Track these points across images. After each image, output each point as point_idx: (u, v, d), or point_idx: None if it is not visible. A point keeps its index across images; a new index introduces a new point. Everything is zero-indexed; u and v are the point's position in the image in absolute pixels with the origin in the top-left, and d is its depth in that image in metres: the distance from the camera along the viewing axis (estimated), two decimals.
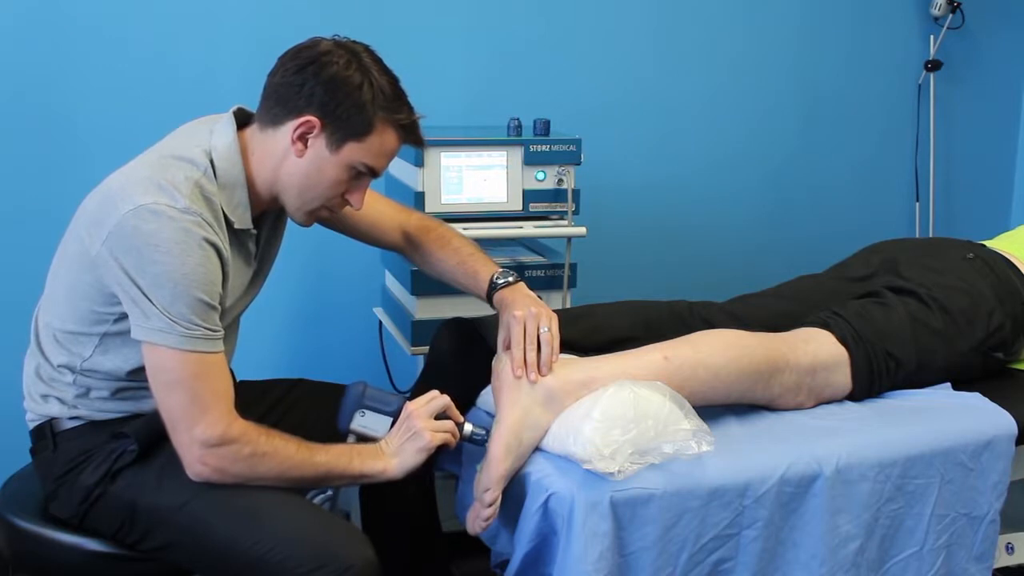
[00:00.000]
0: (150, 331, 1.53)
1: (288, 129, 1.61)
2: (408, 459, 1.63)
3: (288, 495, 1.62)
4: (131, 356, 1.60)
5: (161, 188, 1.54)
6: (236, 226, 1.64)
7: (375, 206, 1.91)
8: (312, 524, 1.59)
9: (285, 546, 1.55)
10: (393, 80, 1.64)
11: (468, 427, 1.69)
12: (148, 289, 1.51)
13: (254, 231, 1.69)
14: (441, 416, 1.66)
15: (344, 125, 1.60)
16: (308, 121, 1.59)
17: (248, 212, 1.65)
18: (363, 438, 1.68)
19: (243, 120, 1.68)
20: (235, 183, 1.62)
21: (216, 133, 1.64)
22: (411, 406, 1.66)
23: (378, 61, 1.64)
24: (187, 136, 1.66)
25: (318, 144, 1.61)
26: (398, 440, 1.64)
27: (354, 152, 1.62)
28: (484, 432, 1.67)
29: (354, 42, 1.65)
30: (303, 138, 1.61)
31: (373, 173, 1.67)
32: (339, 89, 1.58)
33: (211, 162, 1.60)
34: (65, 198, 1.70)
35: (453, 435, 1.66)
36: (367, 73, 1.60)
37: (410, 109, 1.66)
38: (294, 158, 1.62)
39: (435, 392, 1.68)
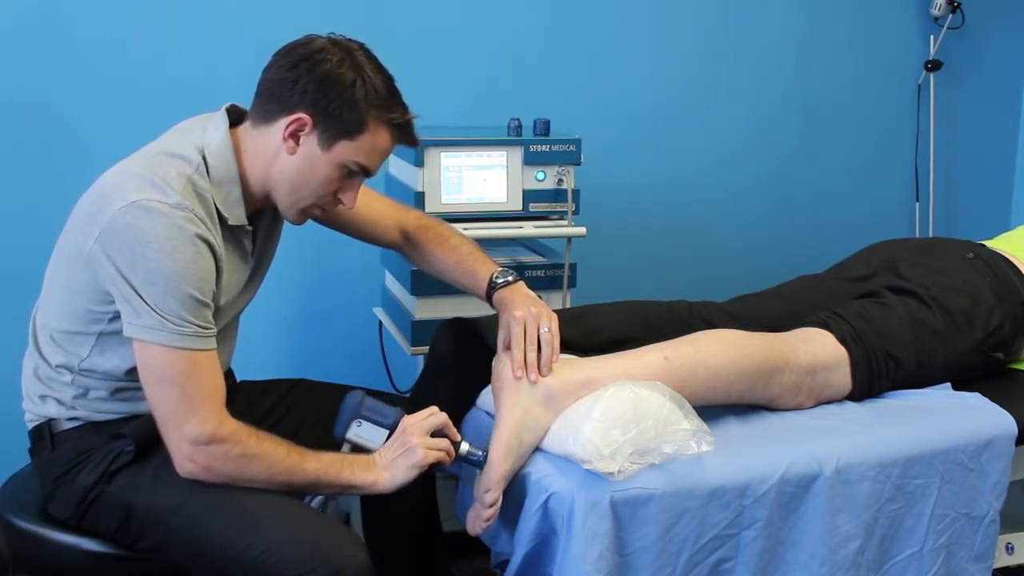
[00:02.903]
0: (141, 328, 1.53)
1: (280, 126, 1.60)
2: (399, 474, 1.61)
3: (283, 497, 1.62)
4: (128, 356, 1.59)
5: (153, 184, 1.53)
6: (230, 222, 1.63)
7: (372, 204, 1.90)
8: (306, 526, 1.59)
9: (279, 548, 1.54)
10: (388, 79, 1.63)
11: (464, 446, 1.65)
12: (140, 286, 1.51)
13: (249, 228, 1.69)
14: (438, 434, 1.63)
15: (336, 123, 1.59)
16: (300, 118, 1.58)
17: (242, 209, 1.64)
18: (358, 448, 1.67)
19: (236, 117, 1.67)
20: (228, 180, 1.62)
21: (209, 130, 1.63)
22: (408, 421, 1.64)
23: (373, 59, 1.63)
24: (180, 134, 1.66)
25: (310, 142, 1.60)
26: (391, 454, 1.62)
27: (346, 150, 1.61)
28: (480, 453, 1.63)
29: (350, 40, 1.64)
30: (295, 135, 1.60)
31: (366, 172, 1.66)
32: (332, 87, 1.57)
33: (204, 159, 1.60)
34: (65, 198, 1.70)
35: (448, 454, 1.63)
36: (360, 71, 1.59)
37: (404, 108, 1.65)
38: (286, 155, 1.61)
39: (434, 408, 1.65)
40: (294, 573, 1.53)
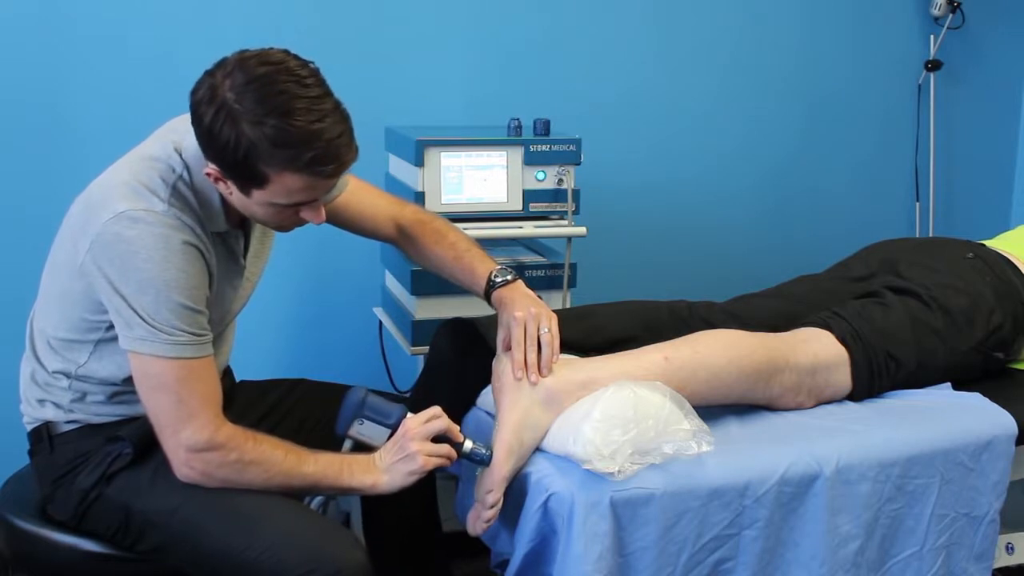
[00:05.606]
0: (134, 340, 1.52)
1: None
2: (398, 479, 1.60)
3: (282, 498, 1.61)
4: (126, 363, 1.59)
5: (139, 193, 1.52)
6: (212, 229, 1.61)
7: (367, 199, 1.89)
8: (305, 527, 1.59)
9: (278, 549, 1.54)
10: (280, 119, 1.43)
11: (468, 444, 1.62)
12: (131, 297, 1.50)
13: (236, 231, 1.67)
14: (440, 438, 1.61)
15: (238, 175, 1.50)
16: (212, 171, 1.53)
17: (222, 217, 1.62)
18: (360, 445, 1.66)
19: None
20: (208, 186, 1.58)
21: (192, 132, 1.59)
22: (408, 423, 1.61)
23: (263, 95, 1.43)
24: (166, 135, 1.63)
25: (232, 187, 1.53)
26: (391, 457, 1.61)
27: (263, 196, 1.51)
28: (484, 451, 1.61)
29: (258, 65, 1.46)
30: (219, 180, 1.54)
31: (307, 202, 1.55)
32: (213, 144, 1.48)
33: (186, 164, 1.58)
34: (65, 198, 1.69)
35: (449, 458, 1.61)
36: (235, 125, 1.43)
37: (309, 143, 1.44)
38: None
39: (435, 410, 1.63)
40: (293, 574, 1.53)
